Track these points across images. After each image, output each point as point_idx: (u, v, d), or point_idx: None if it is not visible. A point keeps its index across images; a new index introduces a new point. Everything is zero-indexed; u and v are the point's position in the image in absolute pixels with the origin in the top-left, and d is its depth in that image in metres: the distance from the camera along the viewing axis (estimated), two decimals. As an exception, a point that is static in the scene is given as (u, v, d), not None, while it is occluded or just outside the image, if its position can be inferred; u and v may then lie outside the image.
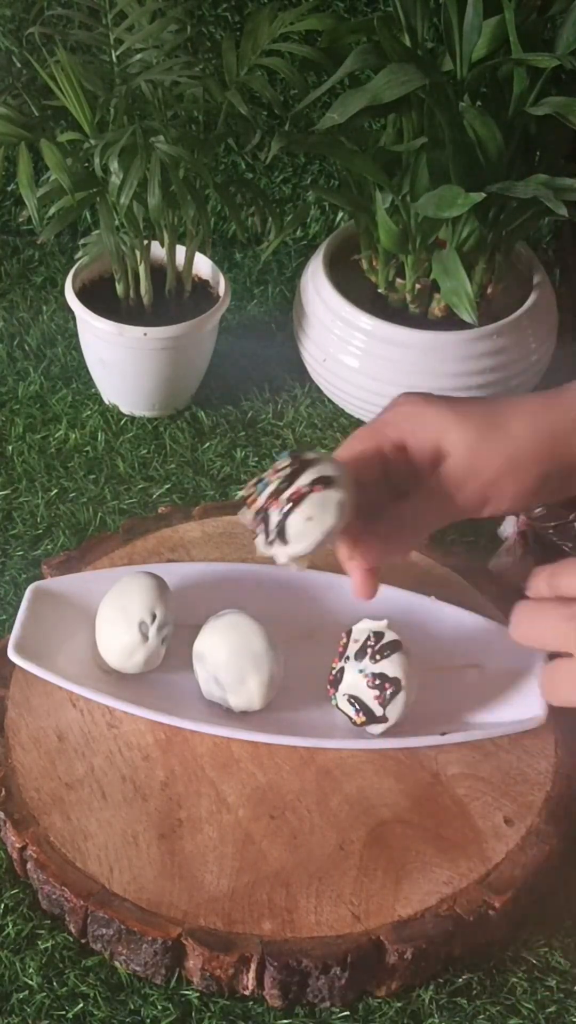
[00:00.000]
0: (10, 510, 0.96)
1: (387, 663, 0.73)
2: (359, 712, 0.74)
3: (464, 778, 0.76)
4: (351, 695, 0.74)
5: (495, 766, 0.76)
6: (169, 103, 0.95)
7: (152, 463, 1.01)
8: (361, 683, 0.73)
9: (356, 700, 0.74)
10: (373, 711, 0.74)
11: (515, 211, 0.94)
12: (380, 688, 0.73)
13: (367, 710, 0.74)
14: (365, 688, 0.73)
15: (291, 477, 0.66)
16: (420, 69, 0.87)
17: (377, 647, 0.74)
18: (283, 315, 1.14)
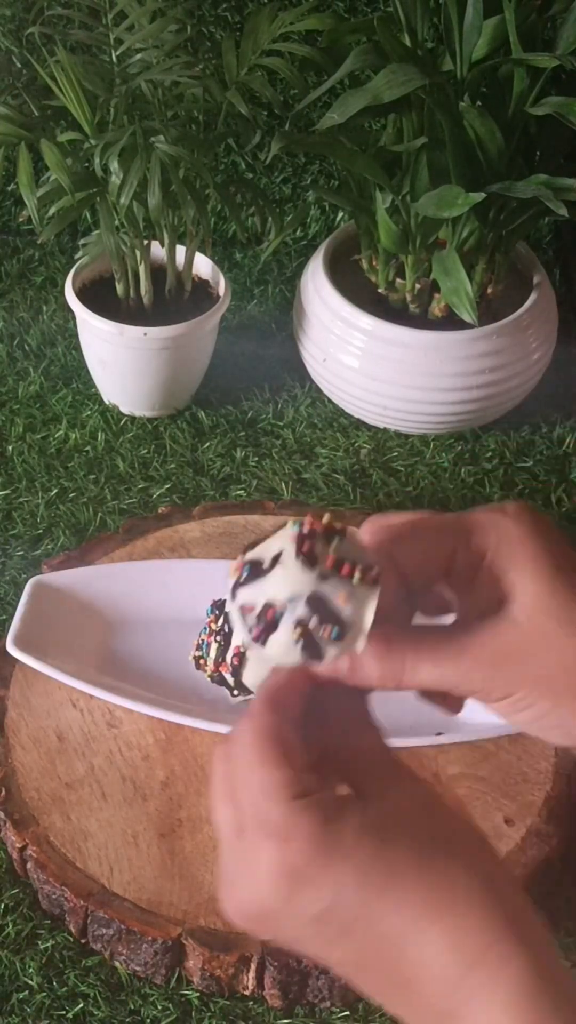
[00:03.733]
0: (10, 510, 0.96)
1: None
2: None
3: (464, 778, 0.76)
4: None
5: (495, 766, 0.76)
6: (169, 103, 0.95)
7: (152, 463, 1.01)
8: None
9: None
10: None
11: (515, 211, 0.94)
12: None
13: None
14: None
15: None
16: (420, 69, 0.87)
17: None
18: (283, 315, 1.14)
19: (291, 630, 0.48)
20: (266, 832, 0.45)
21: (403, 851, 0.45)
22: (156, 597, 0.83)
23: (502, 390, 1.01)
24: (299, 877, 0.45)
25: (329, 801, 0.46)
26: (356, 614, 0.48)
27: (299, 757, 0.47)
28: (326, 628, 0.48)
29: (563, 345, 1.06)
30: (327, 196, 1.17)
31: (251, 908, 0.47)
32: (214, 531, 0.90)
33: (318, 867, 0.45)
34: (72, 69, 0.90)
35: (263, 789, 0.46)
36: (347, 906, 0.44)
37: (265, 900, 0.46)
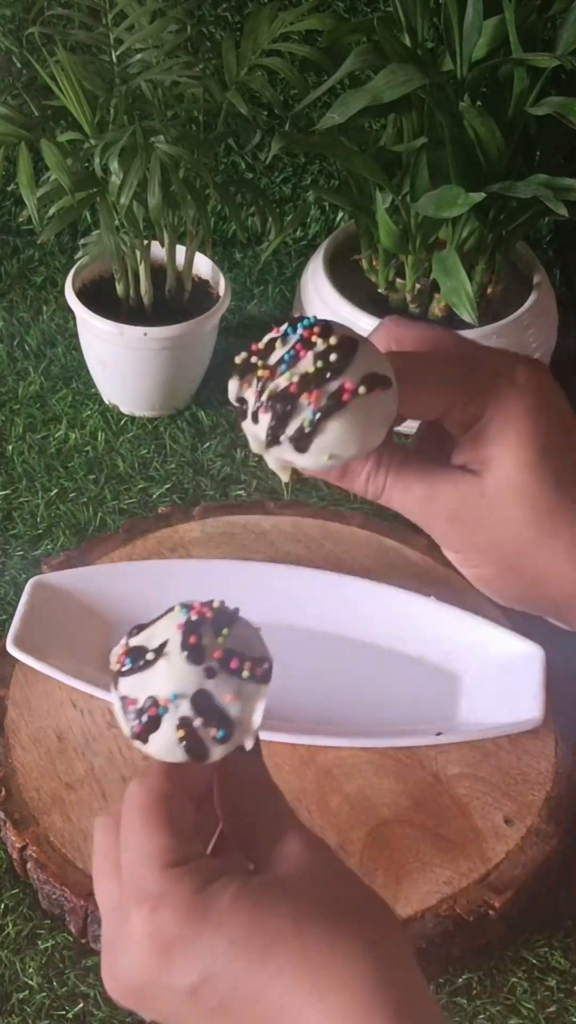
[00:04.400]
0: (10, 510, 0.96)
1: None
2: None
3: (464, 778, 0.76)
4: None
5: (495, 766, 0.76)
6: (169, 103, 0.95)
7: (152, 463, 1.01)
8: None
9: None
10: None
11: (515, 211, 0.94)
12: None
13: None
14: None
15: (330, 361, 0.47)
16: (420, 69, 0.87)
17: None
18: (283, 315, 1.14)
19: (174, 729, 0.45)
20: (138, 900, 0.43)
21: (284, 920, 0.42)
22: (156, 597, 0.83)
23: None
24: (169, 948, 0.42)
25: (207, 868, 0.44)
26: (244, 713, 0.46)
27: (186, 825, 0.45)
28: (211, 729, 0.45)
29: (563, 345, 1.05)
30: (327, 196, 1.17)
31: (127, 983, 0.44)
32: (214, 531, 0.90)
33: (188, 937, 0.42)
34: (72, 69, 0.90)
35: (141, 856, 0.44)
36: (222, 979, 0.42)
37: (138, 974, 0.43)
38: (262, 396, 0.47)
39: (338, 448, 0.47)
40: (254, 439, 0.49)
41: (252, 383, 0.48)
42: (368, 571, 0.86)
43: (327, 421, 0.46)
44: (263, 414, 0.47)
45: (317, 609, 0.83)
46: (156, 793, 0.45)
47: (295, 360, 0.47)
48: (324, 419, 0.46)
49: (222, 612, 0.47)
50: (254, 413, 0.48)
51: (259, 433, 0.48)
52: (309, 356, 0.47)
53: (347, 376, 0.46)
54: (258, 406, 0.47)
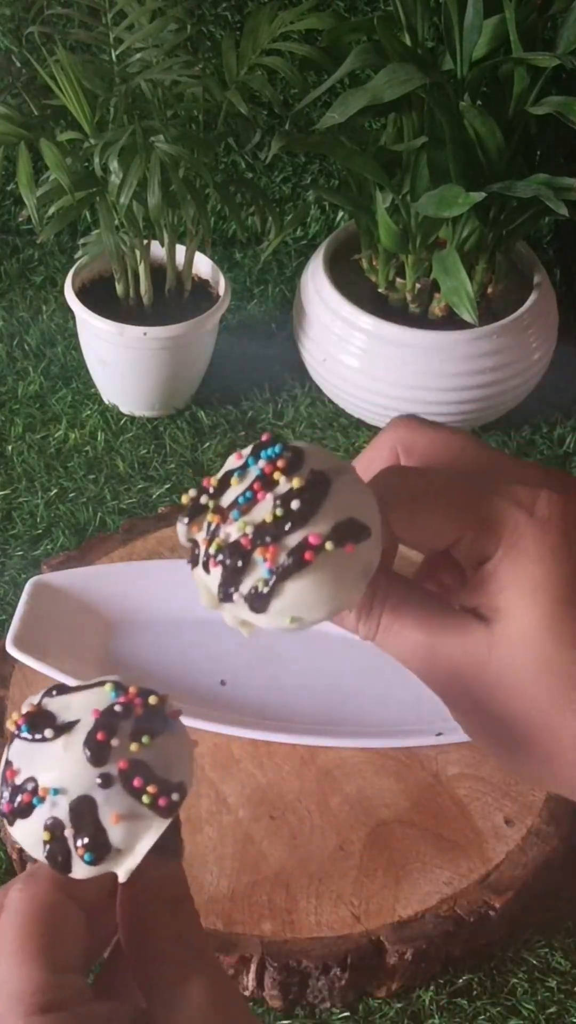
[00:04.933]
0: (10, 510, 0.96)
1: None
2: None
3: (464, 778, 0.76)
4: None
5: (495, 766, 0.76)
6: (169, 102, 0.95)
7: (152, 463, 1.01)
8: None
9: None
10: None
11: (516, 210, 0.94)
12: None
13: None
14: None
15: (291, 509, 0.39)
16: (420, 68, 0.87)
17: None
18: (283, 315, 1.14)
19: (41, 827, 0.39)
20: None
21: None
22: (156, 597, 0.83)
23: (502, 390, 1.00)
24: None
25: (86, 1016, 0.36)
26: (125, 843, 0.38)
27: (70, 950, 0.37)
28: (80, 846, 0.38)
29: (563, 345, 1.05)
30: (327, 196, 1.17)
31: None
32: (214, 531, 0.90)
33: None
34: (72, 68, 0.90)
35: (10, 990, 0.36)
36: None
37: None
38: (210, 547, 0.40)
39: (301, 611, 0.40)
40: (205, 591, 0.41)
41: (201, 526, 0.41)
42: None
43: (285, 582, 0.39)
44: (212, 566, 0.40)
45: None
46: (39, 905, 0.38)
47: (251, 503, 0.39)
48: (282, 580, 0.39)
49: (154, 713, 0.40)
50: (204, 563, 0.40)
51: (210, 585, 0.40)
52: (268, 499, 0.39)
53: (312, 527, 0.39)
54: (206, 558, 0.40)
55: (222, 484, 0.41)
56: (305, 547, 0.38)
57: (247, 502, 0.39)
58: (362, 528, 0.39)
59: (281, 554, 0.39)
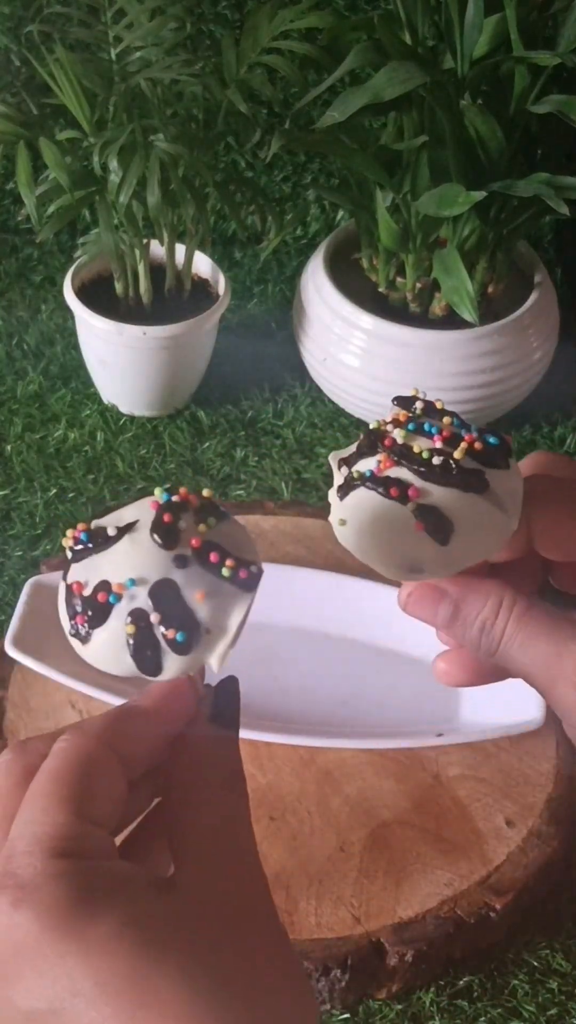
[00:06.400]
0: (9, 510, 0.96)
1: None
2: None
3: (465, 779, 0.75)
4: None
5: (496, 767, 0.76)
6: (168, 101, 0.95)
7: (151, 463, 1.01)
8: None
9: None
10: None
11: (516, 210, 0.94)
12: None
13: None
14: None
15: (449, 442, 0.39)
16: (421, 67, 0.86)
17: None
18: (283, 314, 1.14)
19: (123, 624, 0.36)
20: (2, 885, 0.34)
21: (173, 979, 0.33)
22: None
23: (503, 389, 1.00)
24: (19, 957, 0.33)
25: (104, 873, 0.34)
26: (214, 618, 0.37)
27: (103, 807, 0.36)
28: (170, 630, 0.36)
29: (564, 344, 1.05)
30: (327, 195, 1.17)
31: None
32: (214, 531, 0.89)
33: (47, 955, 0.33)
34: (71, 67, 0.90)
35: (28, 830, 0.35)
36: (75, 1019, 0.33)
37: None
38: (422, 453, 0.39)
39: (507, 504, 0.39)
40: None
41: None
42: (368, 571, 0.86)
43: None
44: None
45: (317, 609, 0.83)
46: (81, 755, 0.36)
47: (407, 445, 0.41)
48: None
49: (210, 503, 0.38)
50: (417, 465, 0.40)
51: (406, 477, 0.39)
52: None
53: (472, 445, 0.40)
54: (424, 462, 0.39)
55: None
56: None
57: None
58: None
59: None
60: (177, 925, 0.34)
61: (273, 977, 0.35)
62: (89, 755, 0.36)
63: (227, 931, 0.35)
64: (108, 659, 0.37)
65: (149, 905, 0.34)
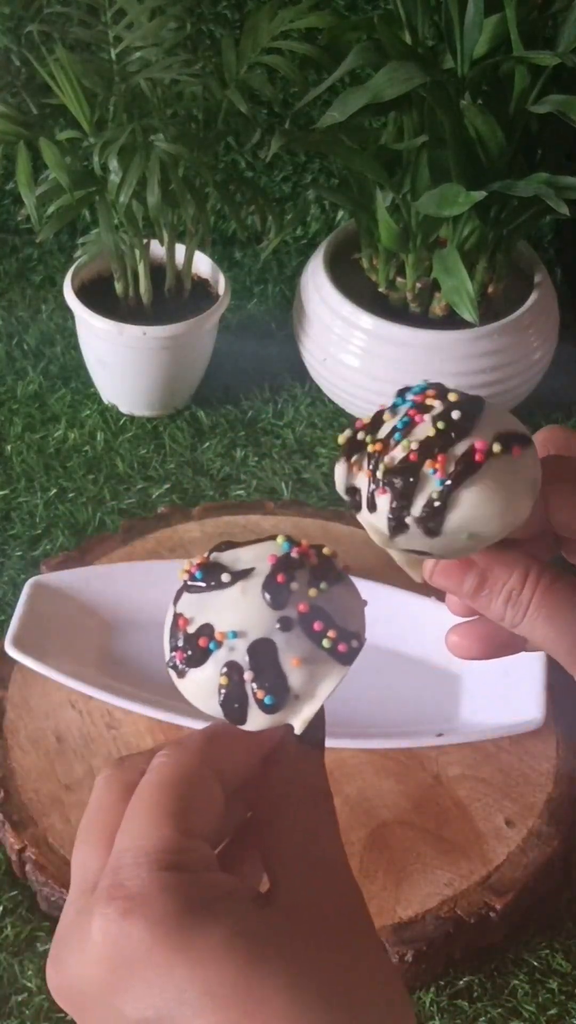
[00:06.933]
0: (9, 510, 0.96)
1: None
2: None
3: (465, 779, 0.75)
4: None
5: (496, 767, 0.76)
6: (168, 101, 0.95)
7: (151, 463, 1.00)
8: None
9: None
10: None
11: (516, 210, 0.94)
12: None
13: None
14: None
15: (453, 419, 0.40)
16: (421, 67, 0.86)
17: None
18: (283, 314, 1.14)
19: (218, 672, 0.38)
20: (112, 896, 0.35)
21: (279, 988, 0.34)
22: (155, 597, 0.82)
23: (503, 389, 1.00)
24: (130, 967, 0.34)
25: (209, 885, 0.35)
26: (305, 687, 0.38)
27: (204, 821, 0.37)
28: (260, 690, 0.37)
29: (564, 344, 1.05)
30: (327, 195, 1.17)
31: (69, 985, 0.36)
32: (214, 531, 0.89)
33: (157, 964, 0.33)
34: (71, 67, 0.90)
35: (135, 844, 0.36)
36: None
37: (85, 982, 0.35)
38: (376, 475, 0.39)
39: (478, 524, 0.39)
40: (375, 532, 0.41)
41: (362, 464, 0.40)
42: (369, 571, 0.85)
43: (460, 490, 0.38)
44: (380, 496, 0.39)
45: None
46: (182, 771, 0.37)
47: (410, 427, 0.40)
48: (455, 487, 0.38)
49: (328, 564, 0.39)
50: (370, 498, 0.40)
51: (379, 523, 0.40)
52: (427, 419, 0.40)
53: (477, 433, 0.39)
54: (373, 488, 0.40)
55: (375, 423, 0.41)
56: (474, 451, 0.39)
57: (405, 426, 0.40)
58: (523, 436, 0.40)
59: (451, 462, 0.38)
60: (279, 936, 0.35)
61: (373, 986, 0.35)
62: (189, 770, 0.37)
63: (327, 942, 0.35)
64: (198, 698, 0.39)
65: (252, 917, 0.35)
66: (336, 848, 0.39)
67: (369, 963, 0.36)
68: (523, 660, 0.78)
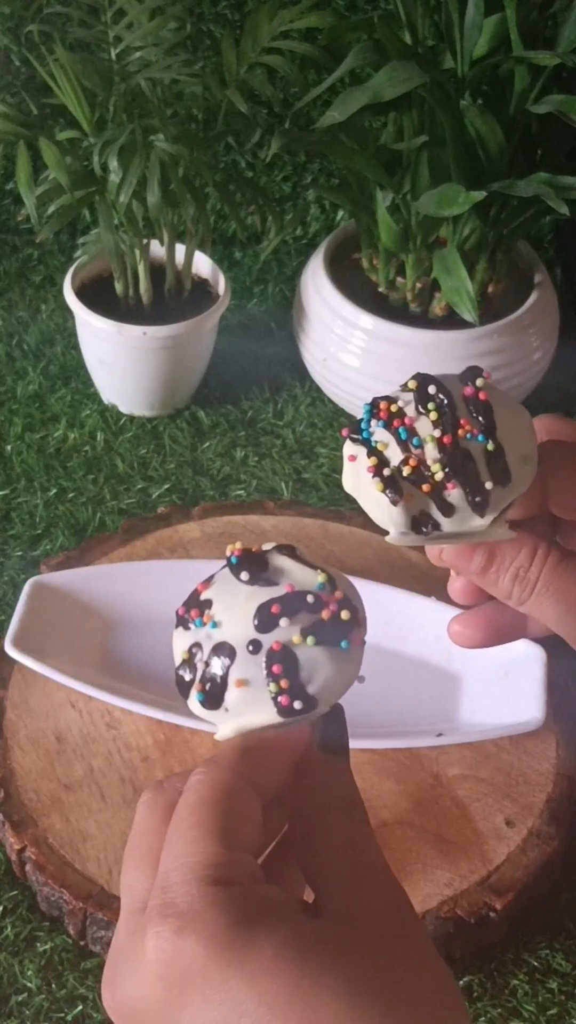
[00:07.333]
0: (9, 510, 0.96)
1: None
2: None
3: (465, 779, 0.75)
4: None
5: (496, 767, 0.76)
6: (168, 101, 0.95)
7: (151, 463, 1.00)
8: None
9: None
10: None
11: (516, 209, 0.94)
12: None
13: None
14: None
15: (434, 398, 0.42)
16: (421, 67, 0.86)
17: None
18: (283, 314, 1.14)
19: (187, 643, 0.41)
20: (163, 914, 0.35)
21: (334, 996, 0.34)
22: (155, 597, 0.83)
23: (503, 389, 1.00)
24: (185, 984, 0.34)
25: (257, 898, 0.36)
26: (234, 708, 0.40)
27: (246, 835, 0.38)
28: (200, 683, 0.40)
29: (564, 344, 1.05)
30: (327, 194, 1.17)
31: (124, 1005, 0.37)
32: (214, 531, 0.89)
33: (212, 980, 0.34)
34: (71, 67, 0.90)
35: (181, 862, 0.36)
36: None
37: (140, 1002, 0.36)
38: (435, 478, 0.42)
39: (521, 443, 0.42)
40: (461, 534, 0.42)
41: (412, 490, 0.42)
42: (368, 571, 0.86)
43: (495, 430, 0.42)
44: (452, 491, 0.41)
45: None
46: (220, 787, 0.38)
47: (411, 432, 0.43)
48: (492, 429, 0.42)
49: (337, 626, 0.40)
50: (443, 503, 0.42)
51: (466, 520, 0.42)
52: (412, 414, 0.43)
53: (456, 388, 0.43)
54: (441, 491, 0.42)
55: (380, 459, 0.43)
56: (477, 397, 0.42)
57: (408, 433, 0.42)
58: (476, 367, 0.44)
59: (469, 421, 0.42)
60: (332, 945, 0.35)
61: (429, 989, 0.36)
62: (226, 786, 0.38)
63: (380, 947, 0.36)
64: (175, 648, 0.42)
65: (304, 927, 0.35)
66: (375, 854, 0.39)
67: (423, 966, 0.36)
68: (523, 660, 0.78)
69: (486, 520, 0.41)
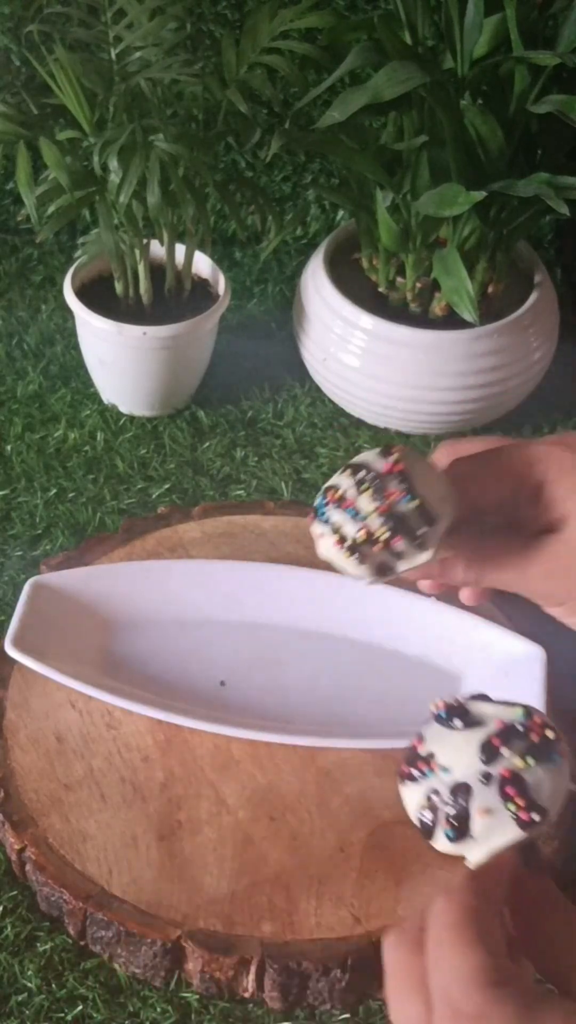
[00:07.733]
0: (9, 510, 0.96)
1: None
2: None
3: (465, 779, 0.75)
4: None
5: (496, 767, 0.76)
6: (168, 101, 0.95)
7: (151, 463, 1.01)
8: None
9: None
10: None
11: (516, 210, 0.94)
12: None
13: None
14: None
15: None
16: (421, 67, 0.86)
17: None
18: (283, 314, 1.14)
19: (424, 794, 0.47)
20: (458, 1020, 0.40)
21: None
22: (155, 597, 0.83)
23: (503, 389, 1.00)
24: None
25: (531, 990, 0.41)
26: (482, 835, 0.46)
27: (498, 943, 0.43)
28: (446, 821, 0.46)
29: (564, 344, 1.05)
30: (327, 195, 1.17)
31: None
32: (214, 531, 0.89)
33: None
34: (71, 67, 0.90)
35: (458, 975, 0.41)
36: None
37: None
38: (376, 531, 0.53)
39: (440, 502, 0.53)
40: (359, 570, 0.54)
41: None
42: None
43: (414, 489, 0.52)
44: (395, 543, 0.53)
45: (317, 609, 0.83)
46: (467, 909, 0.43)
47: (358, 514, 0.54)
48: (412, 488, 0.52)
49: (547, 745, 0.46)
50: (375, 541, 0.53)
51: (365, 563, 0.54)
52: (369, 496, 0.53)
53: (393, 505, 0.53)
54: (374, 540, 0.53)
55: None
56: (389, 468, 0.53)
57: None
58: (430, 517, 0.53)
59: (389, 509, 0.52)
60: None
61: None
62: (472, 905, 0.43)
63: None
64: (409, 804, 0.48)
65: (570, 1004, 0.41)
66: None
67: None
68: (523, 660, 0.78)
69: (429, 553, 0.52)
